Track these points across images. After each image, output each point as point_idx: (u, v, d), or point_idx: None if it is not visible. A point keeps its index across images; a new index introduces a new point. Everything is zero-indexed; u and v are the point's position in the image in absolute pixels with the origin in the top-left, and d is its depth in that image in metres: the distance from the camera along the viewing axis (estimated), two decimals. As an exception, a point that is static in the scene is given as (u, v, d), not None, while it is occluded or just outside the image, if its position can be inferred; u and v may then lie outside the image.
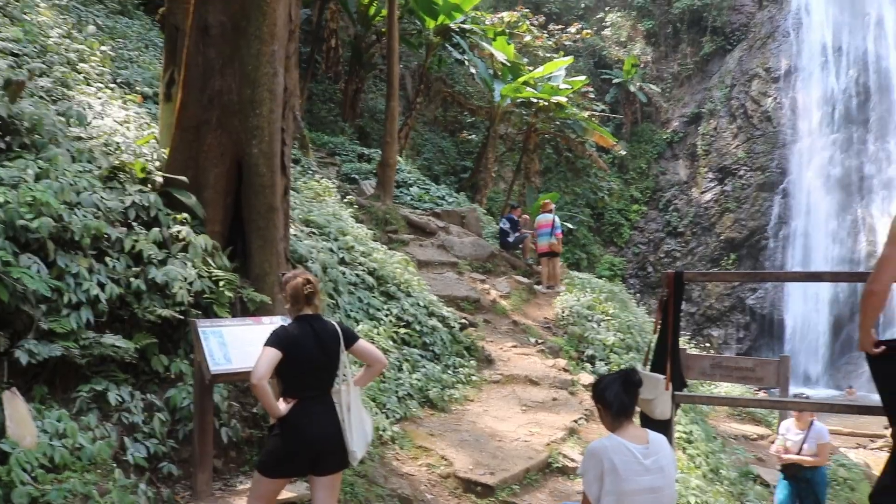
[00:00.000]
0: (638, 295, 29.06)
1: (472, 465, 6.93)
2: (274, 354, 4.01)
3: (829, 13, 34.37)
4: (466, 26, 21.75)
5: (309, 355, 4.13)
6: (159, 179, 6.42)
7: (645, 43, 38.83)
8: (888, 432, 3.41)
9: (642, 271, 33.81)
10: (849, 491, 10.41)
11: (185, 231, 6.02)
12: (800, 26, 34.60)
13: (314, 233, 9.28)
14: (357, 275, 9.33)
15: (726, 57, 36.46)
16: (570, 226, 25.72)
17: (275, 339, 4.07)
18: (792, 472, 8.21)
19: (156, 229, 5.91)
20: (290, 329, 4.19)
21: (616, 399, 3.88)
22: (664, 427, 4.53)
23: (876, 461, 18.92)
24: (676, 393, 4.72)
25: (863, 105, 32.63)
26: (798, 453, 8.10)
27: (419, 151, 26.93)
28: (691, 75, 37.27)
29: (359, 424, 4.22)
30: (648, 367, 4.91)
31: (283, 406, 4.13)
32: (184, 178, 6.46)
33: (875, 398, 3.94)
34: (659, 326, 4.84)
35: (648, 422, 4.63)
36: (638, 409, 4.52)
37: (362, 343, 4.38)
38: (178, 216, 6.16)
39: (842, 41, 33.90)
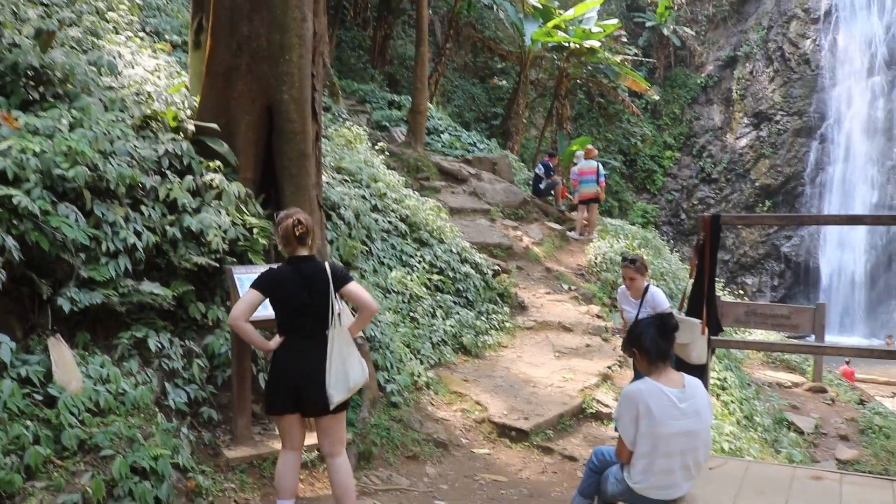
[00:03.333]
0: (671, 242, 28.82)
1: (506, 410, 6.98)
2: (254, 296, 4.12)
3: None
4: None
5: (294, 297, 4.15)
6: (191, 127, 6.42)
7: (679, -16, 37.82)
8: None
9: (675, 218, 33.43)
10: (884, 439, 10.35)
11: (217, 179, 6.03)
12: (842, -37, 33.41)
13: (346, 180, 9.27)
14: (390, 221, 9.33)
15: (764, -4, 35.40)
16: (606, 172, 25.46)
17: (258, 282, 4.16)
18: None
19: (189, 177, 5.92)
20: (276, 271, 4.24)
21: (652, 343, 3.87)
22: (700, 372, 4.51)
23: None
24: (712, 338, 4.68)
25: (906, 46, 31.62)
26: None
27: (449, 98, 26.66)
28: (727, 17, 36.24)
29: (341, 368, 4.15)
30: (684, 312, 4.86)
31: (273, 342, 4.24)
32: (215, 126, 6.45)
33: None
34: (695, 271, 4.78)
35: (684, 366, 4.60)
36: (673, 353, 4.50)
37: (353, 286, 4.27)
38: (210, 164, 6.16)
39: (885, -22, 32.71)
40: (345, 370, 4.16)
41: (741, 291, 27.40)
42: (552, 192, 15.82)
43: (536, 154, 23.65)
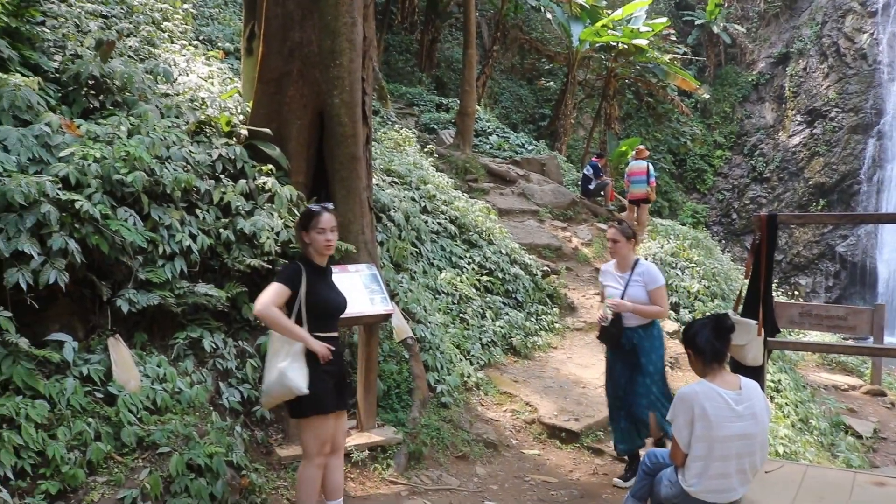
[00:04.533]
0: (722, 242, 28.36)
1: (556, 411, 6.95)
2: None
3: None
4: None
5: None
6: (244, 132, 6.54)
7: (730, -19, 37.23)
8: None
9: (726, 218, 32.86)
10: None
11: (270, 182, 6.12)
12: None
13: (396, 182, 9.34)
14: (439, 223, 9.37)
15: (818, -9, 34.66)
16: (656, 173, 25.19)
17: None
18: (609, 335, 5.72)
19: (242, 181, 6.03)
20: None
21: (707, 344, 3.82)
22: (756, 374, 4.44)
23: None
24: (769, 339, 4.61)
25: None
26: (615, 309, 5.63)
27: (497, 100, 26.65)
28: (779, 13, 35.53)
29: (268, 372, 4.12)
30: (739, 313, 4.80)
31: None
32: (267, 131, 6.56)
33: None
34: (751, 271, 4.71)
35: (739, 368, 4.55)
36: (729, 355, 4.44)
37: None
38: (263, 168, 6.27)
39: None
40: (268, 375, 4.13)
41: (795, 292, 26.82)
42: (602, 192, 15.72)
43: (585, 155, 23.50)
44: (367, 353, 5.73)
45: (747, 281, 4.74)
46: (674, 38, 28.13)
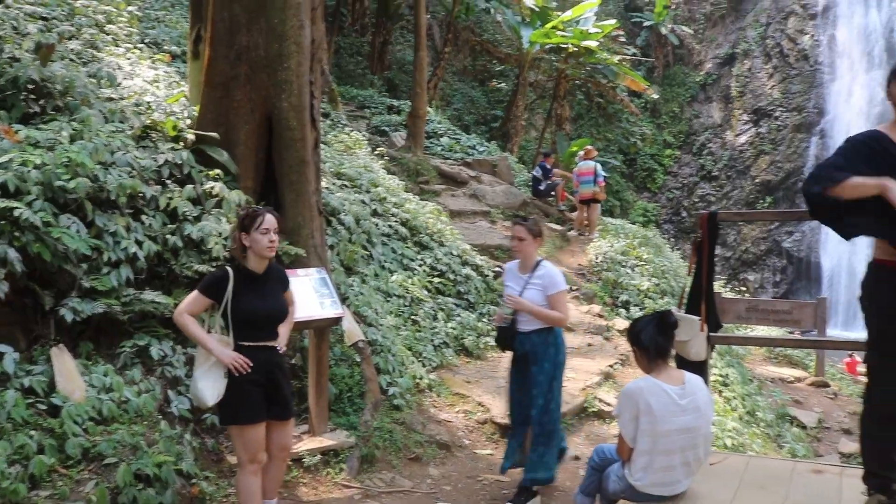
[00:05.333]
0: (672, 240, 28.77)
1: (509, 412, 7.00)
2: None
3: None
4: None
5: None
6: (191, 137, 6.48)
7: (677, -17, 37.85)
8: None
9: (676, 216, 33.42)
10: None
11: (218, 187, 6.08)
12: (837, -41, 33.43)
13: (346, 185, 9.33)
14: (390, 226, 9.38)
15: (761, -6, 35.44)
16: (605, 173, 25.46)
17: None
18: (502, 338, 5.42)
19: (189, 186, 5.98)
20: None
21: (651, 341, 3.90)
22: (700, 368, 4.54)
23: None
24: (712, 334, 4.72)
25: (902, 39, 31.62)
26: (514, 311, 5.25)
27: (449, 102, 26.71)
28: (724, 15, 36.23)
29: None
30: (683, 309, 4.90)
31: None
32: (215, 135, 6.51)
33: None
34: (694, 268, 4.82)
35: (684, 363, 4.64)
36: (674, 350, 4.54)
37: None
38: (210, 173, 6.22)
39: (881, -27, 32.73)
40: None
41: (743, 288, 27.38)
42: (552, 193, 15.87)
43: (536, 156, 23.68)
44: (318, 357, 5.72)
45: (691, 278, 4.85)
46: (623, 39, 28.53)
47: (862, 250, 28.93)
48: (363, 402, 6.09)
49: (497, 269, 10.55)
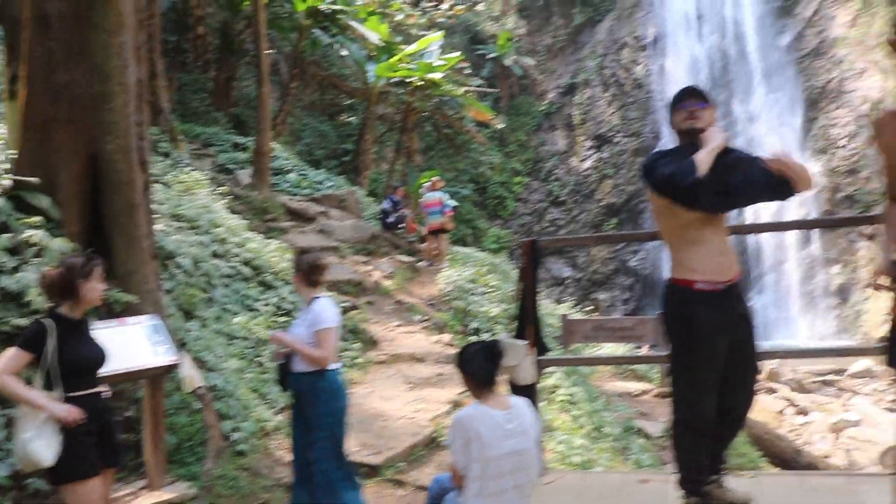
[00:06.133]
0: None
1: (358, 446, 6.97)
2: None
3: (688, -19, 35.79)
4: (337, 7, 21.49)
5: None
6: (7, 182, 6.13)
7: (518, 16, 39.34)
8: None
9: (529, 242, 34.44)
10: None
11: (38, 235, 5.78)
12: (662, -5, 35.89)
13: (184, 227, 9.06)
14: (232, 266, 9.18)
15: (597, 27, 37.43)
16: (453, 202, 25.98)
17: None
18: (280, 377, 5.21)
19: (6, 236, 5.66)
20: None
21: (479, 369, 4.01)
22: (529, 391, 4.70)
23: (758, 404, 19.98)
24: (540, 358, 4.90)
25: (725, 69, 34.20)
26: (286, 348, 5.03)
27: (299, 137, 26.52)
28: (564, 47, 38.05)
29: (15, 445, 3.93)
30: (512, 335, 5.05)
31: None
32: (34, 180, 6.19)
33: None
34: (520, 294, 4.98)
35: (515, 387, 4.79)
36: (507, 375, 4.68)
37: None
38: (30, 220, 5.91)
39: (702, 9, 35.34)
40: None
41: (594, 307, 28.51)
42: (401, 225, 16.04)
43: (387, 188, 23.88)
44: (153, 407, 5.50)
45: (517, 303, 5.01)
46: (468, 71, 29.29)
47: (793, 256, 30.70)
48: (205, 451, 5.90)
49: (346, 304, 10.55)
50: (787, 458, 12.49)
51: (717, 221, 3.82)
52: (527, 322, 4.85)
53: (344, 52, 22.77)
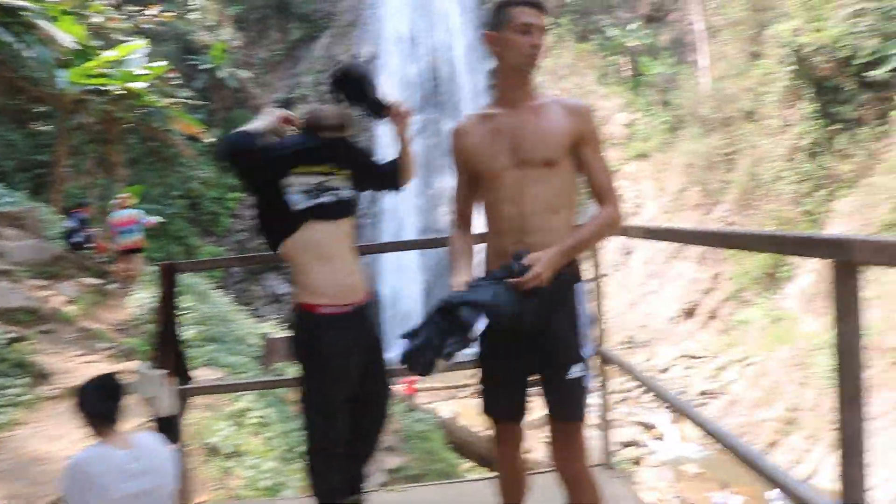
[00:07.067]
0: (242, 284, 28.95)
1: (5, 497, 6.22)
2: None
3: (403, 5, 37.24)
4: (20, 3, 19.46)
5: None
6: None
7: (234, 28, 38.42)
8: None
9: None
10: (421, 442, 11.38)
11: None
12: (378, 16, 36.93)
13: None
14: None
15: (314, 43, 37.62)
16: (160, 219, 24.49)
17: None
18: None
19: None
20: None
21: (94, 407, 3.67)
22: (171, 423, 4.40)
23: (465, 408, 21.17)
24: (182, 387, 4.60)
25: (436, 89, 35.94)
26: None
27: (-22, 147, 23.77)
28: (282, 61, 37.80)
29: None
30: (152, 365, 4.70)
31: None
32: None
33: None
34: (160, 320, 4.64)
35: (159, 420, 4.46)
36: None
37: None
38: None
39: (416, 31, 36.94)
40: None
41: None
42: (90, 244, 14.84)
43: (72, 206, 22.04)
44: None
45: (158, 330, 4.67)
46: (179, 82, 27.98)
47: (416, 276, 31.99)
48: None
49: (12, 335, 9.49)
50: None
51: (343, 240, 3.83)
52: (168, 350, 4.54)
53: (30, 54, 20.67)
